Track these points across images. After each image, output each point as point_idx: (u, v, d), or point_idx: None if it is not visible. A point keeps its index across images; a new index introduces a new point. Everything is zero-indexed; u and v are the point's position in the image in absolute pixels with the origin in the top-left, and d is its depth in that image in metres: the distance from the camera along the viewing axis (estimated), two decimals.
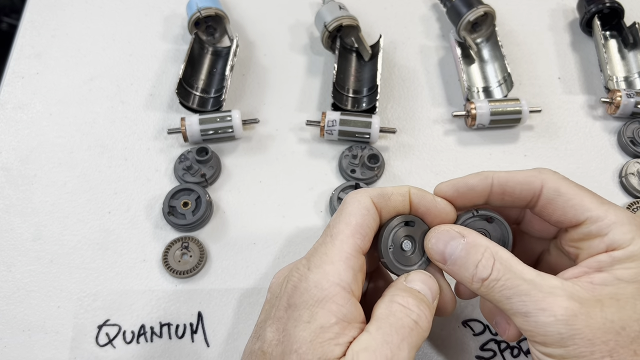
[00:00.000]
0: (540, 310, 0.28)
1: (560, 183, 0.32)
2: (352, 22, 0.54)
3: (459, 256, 0.32)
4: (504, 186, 0.33)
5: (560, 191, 0.32)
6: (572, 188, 0.32)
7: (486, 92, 0.54)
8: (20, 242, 0.46)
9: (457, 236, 0.32)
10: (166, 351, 0.42)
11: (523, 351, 0.42)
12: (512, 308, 0.30)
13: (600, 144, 0.52)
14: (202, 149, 0.49)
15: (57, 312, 0.43)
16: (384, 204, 0.33)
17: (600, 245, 0.31)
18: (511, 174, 0.33)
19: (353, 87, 0.54)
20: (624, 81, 0.55)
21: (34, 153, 0.50)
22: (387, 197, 0.33)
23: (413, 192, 0.34)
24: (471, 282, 0.31)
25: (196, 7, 0.54)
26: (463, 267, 0.32)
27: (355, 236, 0.32)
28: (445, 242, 0.32)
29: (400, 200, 0.34)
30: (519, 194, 0.33)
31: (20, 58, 0.56)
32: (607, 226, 0.31)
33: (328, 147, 0.51)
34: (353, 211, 0.32)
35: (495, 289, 0.30)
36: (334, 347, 0.29)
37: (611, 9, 0.56)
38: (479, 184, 0.33)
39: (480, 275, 0.31)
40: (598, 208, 0.31)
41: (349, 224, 0.32)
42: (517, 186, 0.33)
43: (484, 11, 0.54)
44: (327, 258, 0.31)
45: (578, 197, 0.32)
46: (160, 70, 0.55)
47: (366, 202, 0.33)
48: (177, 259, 0.45)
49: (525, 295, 0.29)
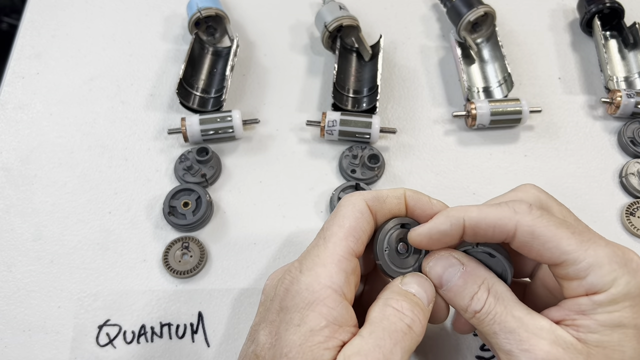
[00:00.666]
0: (523, 351, 0.28)
1: (536, 223, 0.30)
2: (353, 22, 0.54)
3: (456, 284, 0.32)
4: (475, 228, 0.31)
5: (535, 234, 0.30)
6: (549, 229, 0.30)
7: (486, 92, 0.54)
8: (21, 242, 0.46)
9: (456, 264, 0.32)
10: (166, 351, 0.42)
11: None
12: (497, 343, 0.30)
13: (600, 144, 0.52)
14: (202, 149, 0.49)
15: (57, 312, 0.43)
16: (379, 207, 0.33)
17: (579, 289, 0.29)
18: (483, 213, 0.31)
19: (353, 87, 0.54)
20: (624, 81, 0.55)
21: (34, 153, 0.50)
22: (382, 200, 0.33)
23: (408, 194, 0.34)
24: (464, 311, 0.31)
25: (196, 7, 0.54)
26: (459, 295, 0.32)
27: (348, 239, 0.32)
28: (444, 267, 0.32)
29: (395, 203, 0.34)
30: (491, 236, 0.31)
31: (20, 58, 0.56)
32: (585, 269, 0.29)
33: (328, 147, 0.51)
34: (347, 214, 0.32)
35: (485, 322, 0.30)
36: (323, 351, 0.29)
37: (611, 9, 0.56)
38: (451, 230, 0.32)
39: (473, 308, 0.31)
40: (577, 249, 0.29)
41: (343, 227, 0.32)
42: (488, 229, 0.31)
43: (484, 11, 0.54)
44: (319, 260, 0.31)
45: (555, 239, 0.30)
46: (161, 71, 0.55)
47: (360, 206, 0.33)
48: (178, 259, 0.45)
49: (510, 333, 0.29)
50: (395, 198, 0.34)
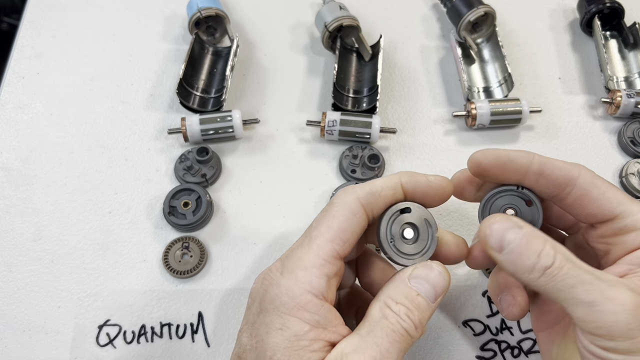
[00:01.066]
0: (608, 299, 0.27)
1: (596, 177, 0.32)
2: (353, 22, 0.54)
3: (519, 244, 0.30)
4: (543, 166, 0.33)
5: (596, 183, 0.32)
6: (606, 183, 0.32)
7: (486, 92, 0.54)
8: (21, 242, 0.46)
9: (515, 226, 0.31)
10: (166, 351, 0.42)
11: (523, 351, 0.42)
12: (575, 297, 0.28)
13: (600, 144, 0.52)
14: (202, 149, 0.49)
15: (57, 312, 0.43)
16: (374, 202, 0.32)
17: (636, 240, 0.31)
18: (550, 159, 0.33)
19: (353, 87, 0.54)
20: (624, 81, 0.55)
21: (34, 153, 0.50)
22: (376, 194, 0.32)
23: (404, 180, 0.33)
24: (530, 271, 0.30)
25: (197, 7, 0.54)
26: (523, 255, 0.30)
27: (334, 241, 0.31)
28: (505, 229, 0.31)
29: (391, 194, 0.33)
30: (555, 178, 0.32)
31: (20, 58, 0.56)
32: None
33: (328, 147, 0.51)
34: (337, 214, 0.31)
35: (558, 277, 0.29)
36: (310, 353, 0.29)
37: (611, 9, 0.56)
38: (520, 158, 0.33)
39: (543, 264, 0.29)
40: (631, 202, 0.31)
41: (331, 228, 0.31)
42: (555, 170, 0.32)
43: (485, 11, 0.54)
44: (301, 263, 0.30)
45: (612, 191, 0.32)
46: (161, 71, 0.55)
47: (353, 205, 0.32)
48: (178, 259, 0.45)
49: (590, 284, 0.28)
50: (390, 189, 0.33)
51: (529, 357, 0.42)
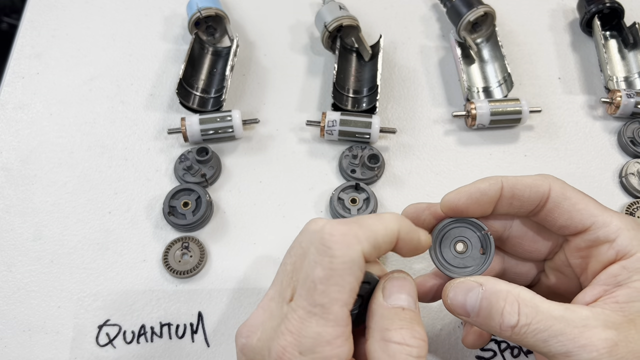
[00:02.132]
0: (581, 347, 0.27)
1: (566, 188, 0.32)
2: (352, 22, 0.54)
3: (481, 307, 0.30)
4: (513, 189, 0.32)
5: (567, 195, 0.32)
6: (577, 193, 0.32)
7: (486, 92, 0.54)
8: (21, 242, 0.46)
9: (474, 286, 0.30)
10: (166, 351, 0.42)
11: (523, 351, 0.42)
12: (550, 350, 0.28)
13: (600, 144, 0.52)
14: (202, 149, 0.49)
15: (57, 312, 0.43)
16: (374, 255, 0.29)
17: (609, 252, 0.30)
18: (519, 177, 0.33)
19: (353, 87, 0.54)
20: (624, 81, 0.55)
21: (34, 153, 0.50)
22: (378, 248, 0.29)
23: (402, 236, 0.30)
24: (500, 331, 0.29)
25: (196, 7, 0.54)
26: (488, 317, 0.29)
27: (348, 304, 0.28)
28: (464, 294, 0.30)
29: (386, 248, 0.30)
30: (527, 197, 0.32)
31: (20, 58, 0.56)
32: (614, 231, 0.30)
33: (328, 147, 0.51)
34: (346, 272, 0.27)
35: (528, 334, 0.28)
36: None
37: (611, 9, 0.56)
38: (490, 188, 0.33)
39: (507, 324, 0.29)
40: (603, 213, 0.31)
41: (343, 291, 0.27)
42: (525, 189, 0.32)
43: (484, 11, 0.54)
44: (322, 339, 0.27)
45: (583, 202, 0.32)
46: (161, 70, 0.55)
47: (360, 262, 0.28)
48: (178, 259, 0.45)
49: (560, 334, 0.28)
50: (389, 243, 0.30)
51: (529, 357, 0.42)
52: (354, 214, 0.46)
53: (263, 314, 0.30)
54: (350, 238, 0.28)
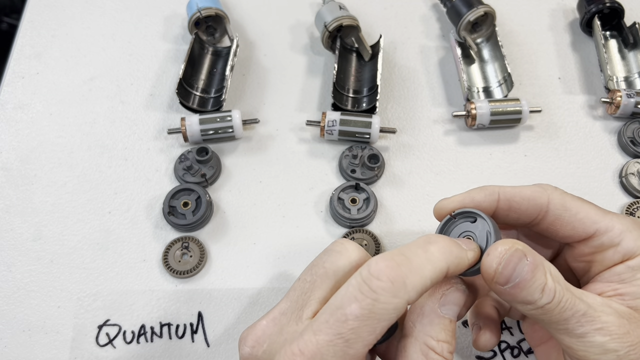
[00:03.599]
0: (597, 330, 0.28)
1: (565, 198, 0.32)
2: (352, 22, 0.54)
3: (524, 279, 0.28)
4: (510, 201, 0.32)
5: (567, 206, 0.31)
6: (576, 202, 0.32)
7: (486, 92, 0.54)
8: (21, 242, 0.46)
9: (522, 256, 0.29)
10: (166, 351, 0.42)
11: (523, 351, 0.42)
12: (567, 329, 0.28)
13: (600, 144, 0.52)
14: (202, 149, 0.49)
15: (57, 312, 0.43)
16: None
17: (615, 256, 0.31)
18: (517, 189, 0.32)
19: (353, 87, 0.54)
20: (624, 81, 0.55)
21: (34, 153, 0.50)
22: (423, 293, 0.28)
23: (450, 271, 0.29)
24: (529, 305, 0.29)
25: (196, 7, 0.54)
26: (526, 290, 0.28)
27: (371, 344, 0.27)
28: (516, 262, 0.28)
29: (431, 287, 0.29)
30: (525, 210, 0.32)
31: (20, 58, 0.56)
32: (618, 235, 0.31)
33: (328, 147, 0.51)
34: (385, 317, 0.26)
35: (555, 311, 0.28)
36: None
37: (611, 9, 0.56)
38: (486, 200, 0.32)
39: (545, 300, 0.28)
40: (604, 218, 0.31)
41: (373, 333, 0.26)
42: (523, 202, 0.32)
43: (484, 11, 0.54)
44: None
45: (584, 211, 0.31)
46: (161, 70, 0.55)
47: (403, 309, 0.27)
48: (177, 259, 0.45)
49: (582, 315, 0.28)
50: (434, 284, 0.28)
51: (529, 357, 0.42)
52: (354, 214, 0.46)
53: (273, 326, 0.29)
54: (399, 286, 0.26)
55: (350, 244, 0.30)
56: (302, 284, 0.30)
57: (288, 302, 0.30)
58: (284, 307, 0.30)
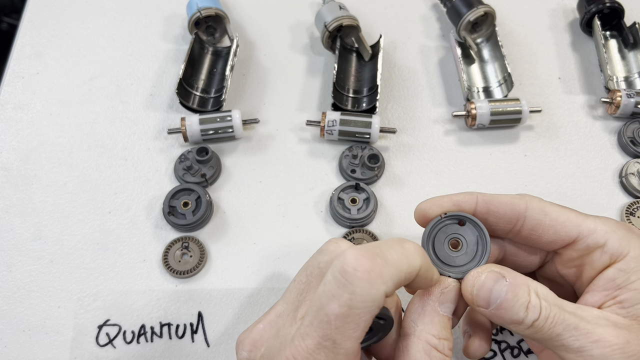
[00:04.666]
0: (594, 342, 0.27)
1: (544, 204, 0.32)
2: (352, 22, 0.54)
3: (505, 299, 0.29)
4: (488, 204, 0.32)
5: (546, 211, 0.32)
6: (555, 207, 0.32)
7: (486, 92, 0.54)
8: (21, 242, 0.46)
9: (500, 278, 0.29)
10: (166, 351, 0.42)
11: (523, 351, 0.42)
12: (563, 344, 0.28)
13: (600, 144, 0.52)
14: (202, 149, 0.49)
15: (57, 312, 0.43)
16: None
17: (603, 257, 0.30)
18: (495, 194, 0.33)
19: (353, 87, 0.54)
20: (624, 81, 0.55)
21: (34, 153, 0.50)
22: (399, 286, 0.28)
23: (421, 274, 0.29)
24: (519, 325, 0.29)
25: (196, 7, 0.54)
26: (510, 310, 0.29)
27: (360, 338, 0.27)
28: (492, 285, 0.29)
29: (406, 283, 0.29)
30: (502, 214, 0.32)
31: (20, 58, 0.56)
32: (602, 236, 0.30)
33: (328, 147, 0.51)
34: (364, 311, 0.26)
35: (545, 328, 0.28)
36: None
37: (611, 9, 0.56)
38: (464, 200, 0.33)
39: (531, 318, 0.28)
40: (585, 221, 0.31)
41: (358, 329, 0.26)
42: (501, 206, 0.32)
43: (484, 11, 0.54)
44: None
45: (564, 214, 0.32)
46: (161, 70, 0.55)
47: (381, 302, 0.27)
48: (177, 259, 0.45)
49: (574, 329, 0.28)
50: (408, 281, 0.29)
51: (529, 357, 0.42)
52: (354, 214, 0.46)
53: (270, 329, 0.29)
54: (375, 277, 0.26)
55: (344, 242, 0.30)
56: (297, 285, 0.30)
57: (284, 304, 0.30)
58: (280, 309, 0.30)
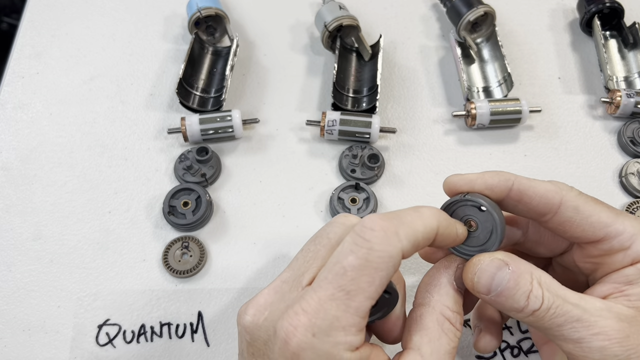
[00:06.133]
0: (594, 335, 0.28)
1: (579, 200, 0.31)
2: (352, 22, 0.54)
3: (507, 287, 0.29)
4: (522, 194, 0.31)
5: (579, 209, 0.31)
6: (589, 204, 0.31)
7: (486, 92, 0.54)
8: (21, 242, 0.46)
9: (503, 265, 0.29)
10: (166, 351, 0.42)
11: (523, 351, 0.42)
12: (563, 335, 0.28)
13: (600, 144, 0.52)
14: (202, 149, 0.49)
15: (57, 311, 0.43)
16: (412, 252, 0.29)
17: (625, 259, 0.30)
18: (532, 182, 0.31)
19: (353, 87, 0.54)
20: (624, 81, 0.55)
21: (34, 153, 0.50)
22: (417, 247, 0.28)
23: (440, 232, 0.29)
24: (519, 313, 0.29)
25: (196, 7, 0.54)
26: (511, 298, 0.29)
27: (372, 298, 0.27)
28: (493, 272, 0.29)
29: (424, 245, 0.29)
30: (535, 206, 0.31)
31: (20, 58, 0.56)
32: (629, 239, 0.30)
33: (328, 147, 0.51)
34: (381, 266, 0.27)
35: (546, 317, 0.28)
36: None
37: (611, 9, 0.56)
38: (498, 185, 0.32)
39: (532, 307, 0.28)
40: (615, 222, 0.31)
41: (372, 283, 0.27)
42: (535, 197, 0.31)
43: (484, 11, 0.54)
44: (338, 324, 0.26)
45: (595, 214, 0.31)
46: (161, 70, 0.55)
47: (397, 259, 0.27)
48: (177, 259, 0.45)
49: (576, 321, 0.28)
50: (428, 241, 0.29)
51: (529, 357, 0.42)
52: (354, 214, 0.46)
53: (274, 294, 0.30)
54: (392, 235, 0.27)
55: (354, 217, 0.31)
56: (305, 254, 0.30)
57: (290, 271, 0.30)
58: (286, 276, 0.30)
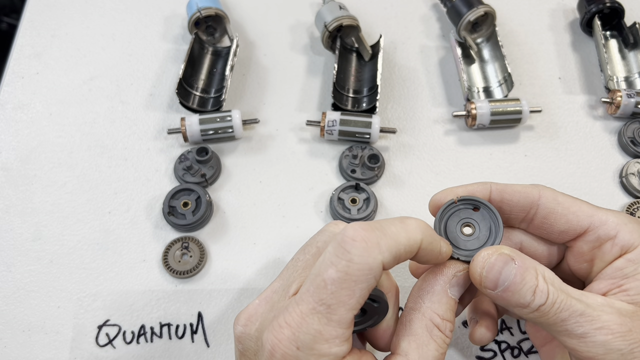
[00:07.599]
0: (597, 329, 0.28)
1: (557, 194, 0.33)
2: (353, 22, 0.54)
3: (514, 282, 0.29)
4: (502, 193, 0.33)
5: (559, 200, 0.32)
6: (569, 197, 0.33)
7: (486, 92, 0.54)
8: (20, 242, 0.46)
9: (510, 260, 0.29)
10: (166, 351, 0.42)
11: (523, 351, 0.42)
12: (567, 330, 0.28)
13: (600, 144, 0.52)
14: (202, 149, 0.49)
15: (57, 312, 0.43)
16: (393, 264, 0.29)
17: (613, 250, 0.31)
18: (509, 184, 0.33)
19: (353, 87, 0.54)
20: (625, 81, 0.55)
21: (34, 153, 0.50)
22: (398, 259, 0.28)
23: (424, 246, 0.29)
24: (525, 308, 0.29)
25: (196, 7, 0.54)
26: (517, 293, 0.29)
27: (354, 309, 0.27)
28: (501, 267, 0.29)
29: (406, 258, 0.29)
30: (516, 202, 0.33)
31: (20, 58, 0.56)
32: (614, 227, 0.31)
33: (328, 147, 0.51)
34: (360, 279, 0.26)
35: (551, 312, 0.28)
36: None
37: (611, 9, 0.56)
38: (479, 190, 0.33)
39: (538, 302, 0.28)
40: (597, 212, 0.32)
41: (353, 296, 0.27)
42: (515, 194, 0.33)
43: (484, 11, 0.54)
44: (321, 337, 0.27)
45: (577, 205, 0.32)
46: (160, 70, 0.55)
47: (377, 271, 0.27)
48: (177, 259, 0.45)
49: (580, 315, 0.28)
50: (411, 253, 0.29)
51: (529, 357, 0.42)
52: (354, 214, 0.46)
53: (265, 304, 0.30)
54: (372, 245, 0.27)
55: (343, 224, 0.31)
56: (295, 263, 0.31)
57: (280, 280, 0.31)
58: (276, 286, 0.31)
